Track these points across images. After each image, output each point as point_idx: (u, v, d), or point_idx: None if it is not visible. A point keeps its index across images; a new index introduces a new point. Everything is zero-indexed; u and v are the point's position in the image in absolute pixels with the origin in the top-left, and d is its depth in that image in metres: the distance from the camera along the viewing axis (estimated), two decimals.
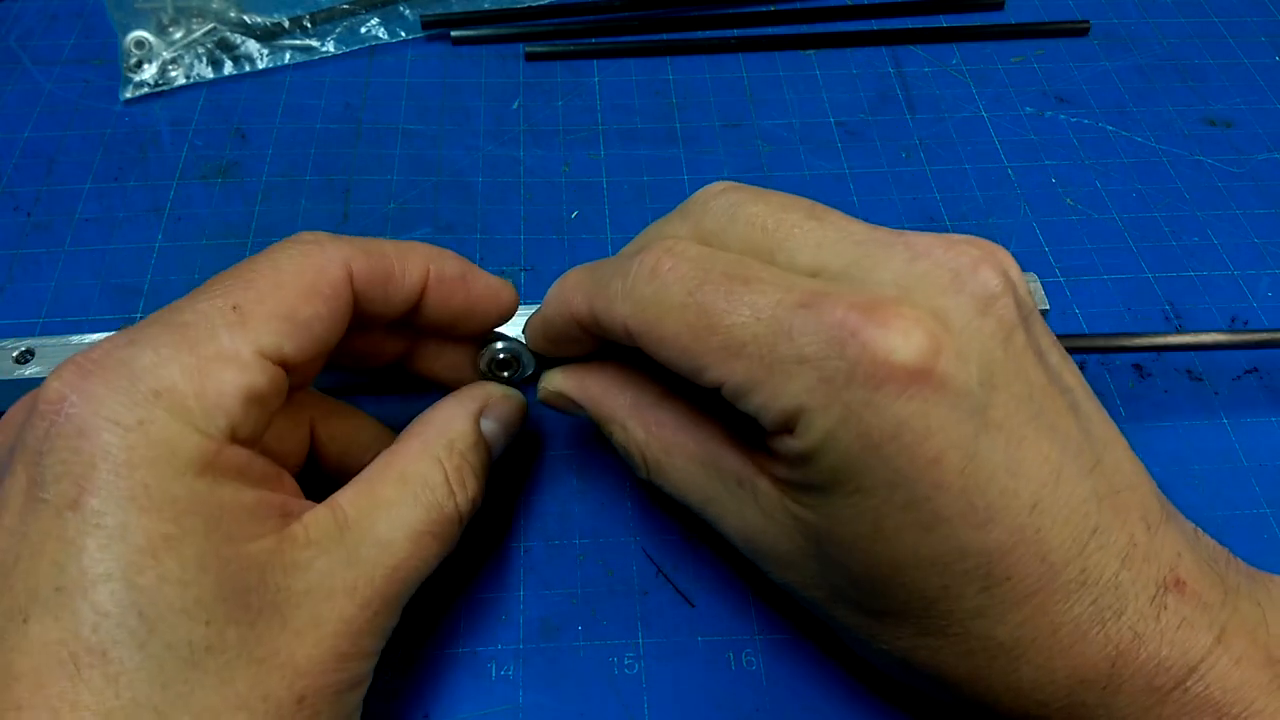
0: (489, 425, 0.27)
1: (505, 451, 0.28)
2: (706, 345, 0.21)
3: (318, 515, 0.22)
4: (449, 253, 0.27)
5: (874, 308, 0.20)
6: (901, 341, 0.19)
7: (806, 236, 0.23)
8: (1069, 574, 0.20)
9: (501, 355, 0.29)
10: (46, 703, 0.18)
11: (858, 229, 0.23)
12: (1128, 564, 0.21)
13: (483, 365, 0.29)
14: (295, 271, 0.23)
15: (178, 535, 0.19)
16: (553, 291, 0.26)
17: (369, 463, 0.25)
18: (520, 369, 0.29)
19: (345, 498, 0.23)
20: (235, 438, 0.21)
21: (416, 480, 0.24)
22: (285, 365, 0.22)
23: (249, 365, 0.21)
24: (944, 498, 0.20)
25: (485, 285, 0.27)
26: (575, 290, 0.25)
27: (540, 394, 0.29)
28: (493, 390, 0.28)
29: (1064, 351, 0.23)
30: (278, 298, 0.22)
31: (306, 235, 0.24)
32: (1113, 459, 0.22)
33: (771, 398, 0.21)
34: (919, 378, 0.19)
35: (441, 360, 0.29)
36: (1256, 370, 0.35)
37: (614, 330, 0.23)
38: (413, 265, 0.25)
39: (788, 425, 0.21)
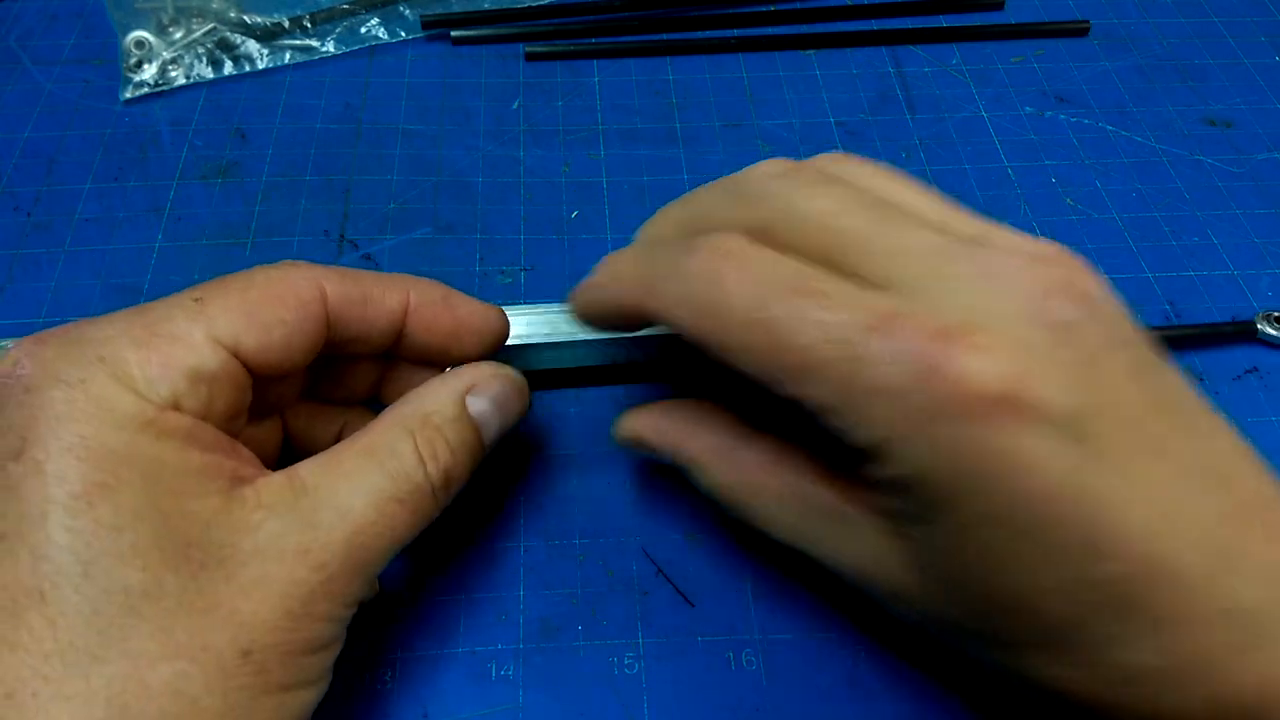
0: (479, 403, 0.26)
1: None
2: (779, 363, 0.21)
3: (272, 481, 0.22)
4: (430, 280, 0.27)
5: (952, 336, 0.19)
6: (988, 369, 0.19)
7: (876, 243, 0.22)
8: (1204, 600, 0.19)
9: None
10: None
11: (927, 236, 0.22)
12: (1270, 587, 0.19)
13: None
14: (264, 281, 0.24)
15: (113, 484, 0.20)
16: (601, 275, 0.25)
17: None
18: None
19: (306, 467, 0.23)
20: (178, 408, 0.21)
21: (383, 449, 0.23)
22: (243, 358, 0.23)
23: (198, 347, 0.22)
24: (1059, 530, 0.19)
25: (470, 309, 0.27)
26: (628, 281, 0.24)
27: (616, 438, 0.28)
28: (484, 368, 0.27)
29: (1169, 366, 0.22)
30: (241, 297, 0.23)
31: (285, 261, 0.25)
32: (1240, 475, 0.21)
33: (853, 425, 0.20)
34: (1007, 409, 0.19)
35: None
36: (1256, 370, 0.35)
37: (674, 329, 0.23)
38: (391, 290, 0.26)
39: (873, 454, 0.20)
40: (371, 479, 0.23)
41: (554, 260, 0.39)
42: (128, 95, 0.44)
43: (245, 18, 0.46)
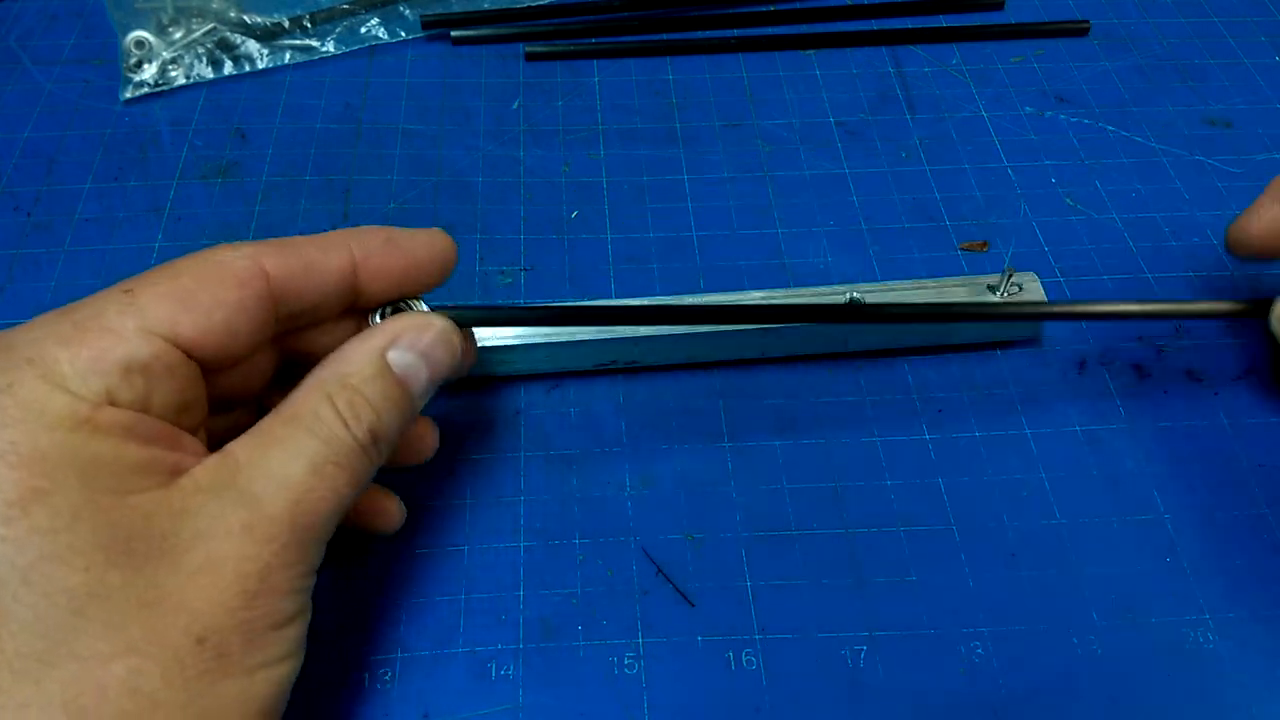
0: (403, 356, 0.25)
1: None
2: None
3: (207, 464, 0.22)
4: (367, 227, 0.26)
5: None
6: None
7: None
8: None
9: (389, 309, 0.27)
10: None
11: None
12: None
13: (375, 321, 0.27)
14: (195, 264, 0.23)
15: (48, 488, 0.19)
16: None
17: None
18: None
19: (238, 444, 0.23)
20: (115, 404, 0.21)
21: (307, 416, 0.23)
22: (185, 346, 0.22)
23: (129, 338, 0.21)
24: None
25: (415, 243, 0.27)
26: None
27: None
28: (404, 322, 0.26)
29: None
30: (172, 284, 0.23)
31: (219, 244, 0.25)
32: None
33: None
34: None
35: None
36: (1256, 370, 0.35)
37: None
38: (332, 250, 0.25)
39: None
40: (303, 443, 0.22)
41: (554, 260, 0.39)
42: (128, 95, 0.44)
43: (245, 18, 0.46)
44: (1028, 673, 0.28)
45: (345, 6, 0.48)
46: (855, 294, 0.34)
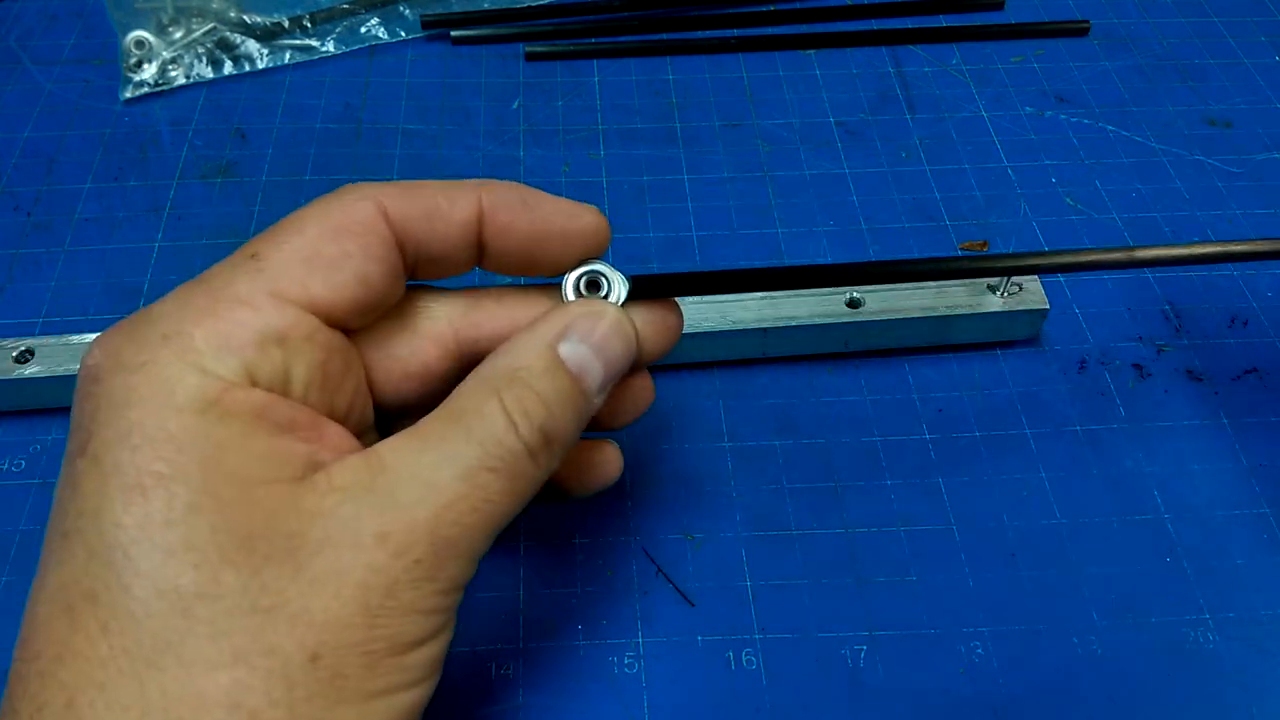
0: (573, 348, 0.22)
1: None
2: None
3: (347, 462, 0.20)
4: (508, 182, 0.24)
5: None
6: None
7: None
8: None
9: (583, 278, 0.24)
10: (54, 650, 0.17)
11: None
12: None
13: (567, 295, 0.25)
14: (318, 216, 0.22)
15: (169, 474, 0.18)
16: None
17: None
18: (608, 290, 0.24)
19: (386, 445, 0.20)
20: (255, 380, 0.20)
21: (468, 415, 0.21)
22: (320, 310, 0.21)
23: (262, 307, 0.20)
24: None
25: (552, 208, 0.24)
26: None
27: None
28: (574, 311, 0.23)
29: None
30: (298, 241, 0.21)
31: (343, 187, 0.23)
32: None
33: None
34: None
35: None
36: (1256, 370, 0.35)
37: None
38: (459, 198, 0.23)
39: None
40: (457, 447, 0.20)
41: None
42: (128, 95, 0.44)
43: (245, 17, 0.46)
44: (1028, 673, 0.28)
45: (345, 6, 0.48)
46: (855, 293, 0.34)
